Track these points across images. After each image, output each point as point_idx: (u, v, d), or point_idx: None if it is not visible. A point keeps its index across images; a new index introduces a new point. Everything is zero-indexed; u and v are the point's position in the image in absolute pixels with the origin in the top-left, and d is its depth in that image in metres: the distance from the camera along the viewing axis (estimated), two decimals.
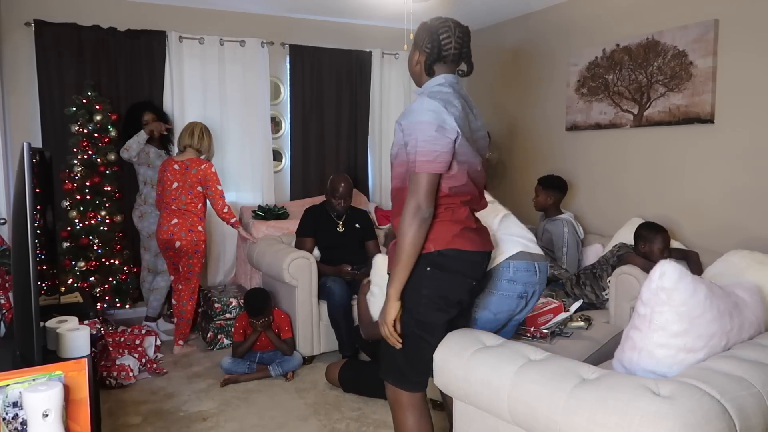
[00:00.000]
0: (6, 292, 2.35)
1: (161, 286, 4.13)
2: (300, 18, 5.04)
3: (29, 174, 1.61)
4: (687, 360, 1.76)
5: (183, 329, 3.91)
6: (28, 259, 1.59)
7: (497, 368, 1.75)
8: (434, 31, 1.95)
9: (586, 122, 4.36)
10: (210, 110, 4.77)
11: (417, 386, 1.98)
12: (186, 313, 3.88)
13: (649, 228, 3.40)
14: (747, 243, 3.22)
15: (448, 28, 1.95)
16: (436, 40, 1.94)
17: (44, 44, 4.20)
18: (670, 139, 3.81)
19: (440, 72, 1.97)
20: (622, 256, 3.44)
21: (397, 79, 5.40)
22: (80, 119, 4.10)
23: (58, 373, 1.47)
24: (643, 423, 1.38)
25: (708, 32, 3.48)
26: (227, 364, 3.45)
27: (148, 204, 4.15)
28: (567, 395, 1.55)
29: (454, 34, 1.94)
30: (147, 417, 2.97)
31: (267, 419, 2.95)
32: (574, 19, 4.47)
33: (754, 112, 3.33)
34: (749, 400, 1.52)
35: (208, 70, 4.74)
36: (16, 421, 1.41)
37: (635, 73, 3.96)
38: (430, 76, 1.98)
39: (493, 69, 5.38)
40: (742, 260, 2.60)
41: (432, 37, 1.95)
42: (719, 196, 3.54)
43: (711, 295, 1.81)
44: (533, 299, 2.28)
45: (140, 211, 4.18)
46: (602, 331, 3.03)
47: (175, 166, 3.81)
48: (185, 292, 3.86)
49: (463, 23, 2.00)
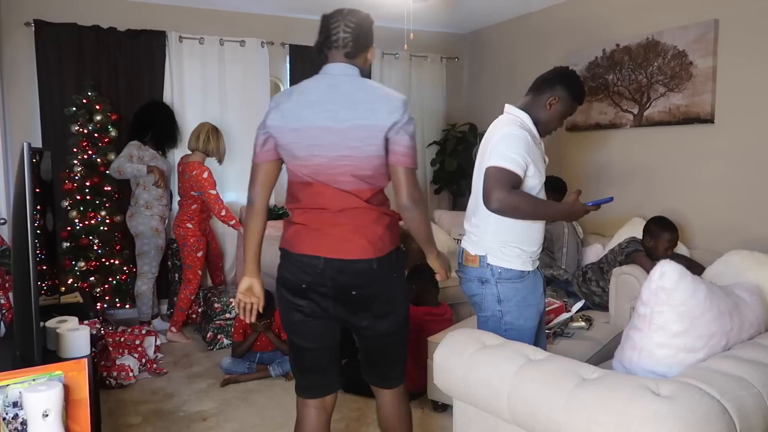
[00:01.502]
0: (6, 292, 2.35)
1: (143, 291, 4.13)
2: (300, 18, 5.03)
3: (29, 174, 1.61)
4: (687, 360, 1.76)
5: (176, 317, 4.13)
6: (28, 259, 1.59)
7: (497, 368, 1.75)
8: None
9: (586, 122, 4.36)
10: (210, 110, 4.77)
11: (300, 391, 2.00)
12: (179, 301, 4.12)
13: (658, 224, 3.35)
14: (747, 243, 3.22)
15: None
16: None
17: (44, 44, 4.20)
18: (670, 139, 3.81)
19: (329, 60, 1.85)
20: (630, 254, 3.41)
21: (397, 79, 5.39)
22: (80, 119, 4.10)
23: (58, 373, 1.47)
24: (643, 423, 1.38)
25: (708, 32, 3.48)
26: (227, 364, 3.45)
27: (138, 205, 4.09)
28: (567, 395, 1.55)
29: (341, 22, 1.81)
30: (147, 417, 2.97)
31: (267, 419, 2.94)
32: (574, 19, 4.47)
33: (754, 112, 3.33)
34: (749, 400, 1.52)
35: (208, 70, 4.74)
36: (16, 421, 1.41)
37: (635, 73, 3.96)
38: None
39: (493, 69, 5.38)
40: (742, 260, 2.59)
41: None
42: (719, 196, 3.54)
43: (711, 295, 1.81)
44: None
45: (131, 210, 4.14)
46: (603, 332, 3.04)
47: (178, 167, 4.07)
48: (182, 282, 4.13)
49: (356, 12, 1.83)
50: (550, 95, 2.10)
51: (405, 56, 5.40)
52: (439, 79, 5.71)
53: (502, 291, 2.04)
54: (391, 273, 1.86)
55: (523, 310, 2.06)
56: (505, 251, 2.03)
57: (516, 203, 1.92)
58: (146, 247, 4.09)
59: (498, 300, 2.05)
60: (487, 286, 2.06)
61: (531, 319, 2.09)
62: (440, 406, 2.94)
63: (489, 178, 1.95)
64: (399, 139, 1.75)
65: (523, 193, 1.98)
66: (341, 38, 1.79)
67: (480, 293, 2.09)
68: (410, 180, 1.78)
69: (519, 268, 2.04)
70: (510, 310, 2.05)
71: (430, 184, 5.67)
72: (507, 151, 1.95)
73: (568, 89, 2.12)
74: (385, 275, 1.83)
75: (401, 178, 1.78)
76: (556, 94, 2.10)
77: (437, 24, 5.44)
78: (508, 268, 2.03)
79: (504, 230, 2.03)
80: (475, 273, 2.08)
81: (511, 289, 2.04)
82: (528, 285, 2.06)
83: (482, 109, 5.52)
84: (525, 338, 2.01)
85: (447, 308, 3.32)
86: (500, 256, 2.03)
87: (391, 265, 1.85)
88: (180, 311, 4.11)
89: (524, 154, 1.96)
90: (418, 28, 5.26)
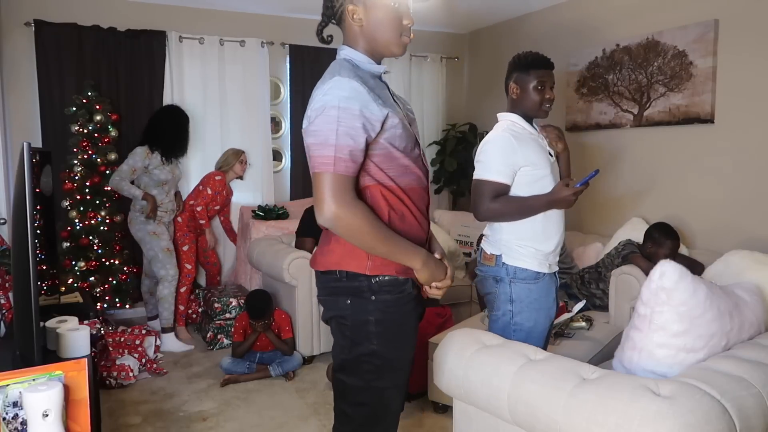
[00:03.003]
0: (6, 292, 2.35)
1: (164, 295, 4.01)
2: (300, 18, 5.03)
3: (29, 174, 1.61)
4: (687, 360, 1.76)
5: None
6: (28, 259, 1.59)
7: (497, 368, 1.75)
8: None
9: (586, 122, 4.36)
10: (210, 110, 4.77)
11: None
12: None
13: (662, 231, 3.31)
14: (747, 243, 3.22)
15: None
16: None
17: (44, 44, 4.20)
18: (670, 139, 3.81)
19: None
20: (627, 257, 3.42)
21: (397, 79, 5.40)
22: (80, 119, 4.10)
23: (58, 373, 1.47)
24: (643, 423, 1.38)
25: (708, 32, 3.48)
26: (227, 364, 3.45)
27: (134, 210, 4.01)
28: (567, 395, 1.55)
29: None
30: (147, 417, 2.97)
31: (267, 419, 2.94)
32: (574, 19, 4.47)
33: (754, 112, 3.33)
34: (749, 400, 1.52)
35: (208, 70, 4.74)
36: (16, 421, 1.40)
37: (635, 73, 3.95)
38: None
39: (493, 69, 5.38)
40: (742, 260, 2.59)
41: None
42: (719, 196, 3.54)
43: (711, 295, 1.81)
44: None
45: (129, 216, 4.05)
46: (604, 332, 3.04)
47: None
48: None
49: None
50: (510, 85, 2.20)
51: (405, 56, 5.40)
52: (439, 79, 5.71)
53: (515, 291, 2.05)
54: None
55: (533, 313, 2.06)
56: (521, 251, 2.05)
57: (500, 210, 2.01)
58: (151, 252, 4.01)
59: (510, 300, 2.06)
60: (501, 285, 2.07)
61: (540, 323, 2.09)
62: (441, 408, 2.94)
63: (473, 192, 2.07)
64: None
65: (504, 198, 2.03)
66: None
67: (493, 292, 2.10)
68: (315, 187, 1.47)
69: (534, 269, 2.05)
70: (521, 311, 2.05)
71: (430, 184, 5.67)
72: (487, 160, 2.04)
73: (518, 68, 2.17)
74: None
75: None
76: (512, 82, 2.19)
77: (437, 24, 5.44)
78: (524, 267, 2.04)
79: (517, 227, 2.05)
80: (491, 271, 2.10)
81: (524, 290, 2.05)
82: (542, 288, 2.07)
83: (482, 109, 5.52)
84: (533, 342, 2.01)
85: (446, 309, 3.32)
86: (515, 256, 2.05)
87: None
88: (178, 308, 4.18)
89: (505, 159, 2.01)
90: (418, 28, 5.26)
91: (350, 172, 1.45)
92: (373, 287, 1.54)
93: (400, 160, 1.54)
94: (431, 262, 1.56)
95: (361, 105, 1.44)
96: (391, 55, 1.60)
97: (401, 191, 1.55)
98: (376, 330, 1.55)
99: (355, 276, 1.54)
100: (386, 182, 1.53)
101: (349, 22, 1.57)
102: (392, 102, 1.58)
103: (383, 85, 1.62)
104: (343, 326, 1.59)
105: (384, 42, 1.57)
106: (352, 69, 1.52)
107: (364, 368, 1.57)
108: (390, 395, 1.61)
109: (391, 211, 1.54)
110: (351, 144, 1.43)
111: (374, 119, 1.46)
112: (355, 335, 1.57)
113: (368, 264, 1.53)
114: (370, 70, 1.59)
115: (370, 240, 1.46)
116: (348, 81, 1.45)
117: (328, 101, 1.43)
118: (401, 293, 1.56)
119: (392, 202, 1.54)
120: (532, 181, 2.05)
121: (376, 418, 1.61)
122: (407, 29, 1.58)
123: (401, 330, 1.59)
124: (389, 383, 1.59)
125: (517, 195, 2.05)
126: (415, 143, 1.61)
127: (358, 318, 1.56)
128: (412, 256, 1.52)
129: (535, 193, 2.05)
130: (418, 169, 1.59)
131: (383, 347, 1.56)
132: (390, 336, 1.57)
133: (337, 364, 1.63)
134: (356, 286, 1.54)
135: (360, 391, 1.59)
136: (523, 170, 2.03)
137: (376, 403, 1.59)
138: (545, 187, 2.06)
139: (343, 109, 1.42)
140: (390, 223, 1.53)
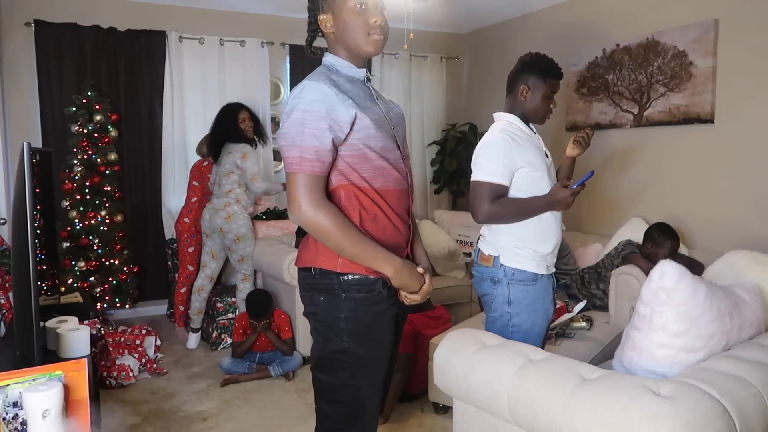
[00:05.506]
0: (6, 292, 2.35)
1: (242, 299, 3.90)
2: (300, 18, 5.01)
3: (29, 174, 1.61)
4: (687, 360, 1.76)
5: (176, 312, 4.27)
6: (28, 259, 1.59)
7: (497, 368, 1.75)
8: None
9: (586, 122, 4.36)
10: (210, 110, 4.74)
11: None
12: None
13: (661, 232, 3.30)
14: (747, 243, 3.22)
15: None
16: None
17: (44, 44, 4.20)
18: (670, 139, 3.80)
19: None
20: (626, 257, 3.42)
21: (397, 79, 5.39)
22: (80, 119, 4.10)
23: (58, 373, 1.47)
24: (643, 423, 1.38)
25: (708, 32, 3.48)
26: (227, 364, 3.45)
27: (239, 204, 3.89)
28: (567, 395, 1.55)
29: None
30: (147, 417, 2.97)
31: (267, 419, 2.94)
32: (574, 19, 4.47)
33: (754, 112, 3.33)
34: (749, 400, 1.52)
35: (208, 70, 4.74)
36: (16, 421, 1.40)
37: (635, 73, 3.95)
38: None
39: (493, 69, 5.38)
40: (742, 260, 2.59)
41: None
42: (719, 196, 3.54)
43: (711, 295, 1.81)
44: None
45: (228, 211, 3.84)
46: (604, 332, 3.04)
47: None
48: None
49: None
50: (520, 86, 2.15)
51: (405, 56, 5.40)
52: (439, 79, 5.71)
53: (513, 292, 2.04)
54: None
55: (531, 314, 2.06)
56: (519, 252, 2.04)
57: (499, 212, 2.00)
58: (248, 249, 3.89)
59: (508, 301, 2.05)
60: (498, 287, 2.07)
61: (538, 325, 2.08)
62: (441, 408, 2.94)
63: (472, 194, 2.06)
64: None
65: (504, 200, 2.02)
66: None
67: (491, 293, 2.09)
68: (287, 187, 1.52)
69: (533, 270, 2.04)
70: (519, 313, 2.05)
71: (430, 184, 5.68)
72: (485, 162, 2.03)
73: (535, 72, 2.15)
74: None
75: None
76: (525, 83, 2.15)
77: (437, 24, 5.44)
78: (522, 269, 2.04)
79: (516, 228, 2.05)
80: (488, 272, 2.09)
81: (522, 291, 2.04)
82: (539, 289, 2.07)
83: (482, 109, 5.52)
84: (531, 343, 2.00)
85: (443, 311, 3.31)
86: (514, 257, 2.04)
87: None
88: (178, 308, 4.19)
89: (504, 160, 2.01)
90: (418, 28, 5.26)
91: (317, 171, 1.47)
92: (342, 285, 1.55)
93: (376, 162, 1.55)
94: (405, 271, 1.55)
95: (327, 107, 1.47)
96: (367, 54, 1.61)
97: (374, 192, 1.55)
98: (347, 328, 1.56)
99: (327, 273, 1.55)
100: (359, 183, 1.54)
101: (325, 31, 1.64)
102: (369, 104, 1.58)
103: (365, 87, 1.63)
104: (318, 323, 1.61)
105: (354, 43, 1.58)
106: (327, 73, 1.55)
107: (336, 366, 1.58)
108: (366, 394, 1.61)
109: (362, 211, 1.54)
110: (317, 144, 1.46)
111: (341, 120, 1.49)
112: (327, 332, 1.58)
113: (339, 261, 1.54)
114: (349, 75, 1.61)
115: (339, 240, 1.47)
116: (316, 84, 1.49)
117: (296, 104, 1.48)
118: (370, 292, 1.56)
119: (364, 203, 1.54)
120: (530, 182, 2.05)
121: (353, 417, 1.61)
122: (377, 27, 1.57)
123: (371, 329, 1.59)
124: (363, 382, 1.60)
125: (516, 197, 2.05)
126: (395, 145, 1.61)
127: (330, 315, 1.57)
128: (383, 263, 1.52)
129: (533, 194, 2.05)
130: (396, 171, 1.59)
131: (354, 345, 1.56)
132: (361, 334, 1.57)
133: (313, 361, 1.64)
134: (328, 283, 1.56)
135: (335, 389, 1.60)
136: (520, 171, 2.03)
137: (351, 401, 1.60)
138: (543, 188, 2.06)
139: (309, 112, 1.46)
140: (362, 223, 1.54)
